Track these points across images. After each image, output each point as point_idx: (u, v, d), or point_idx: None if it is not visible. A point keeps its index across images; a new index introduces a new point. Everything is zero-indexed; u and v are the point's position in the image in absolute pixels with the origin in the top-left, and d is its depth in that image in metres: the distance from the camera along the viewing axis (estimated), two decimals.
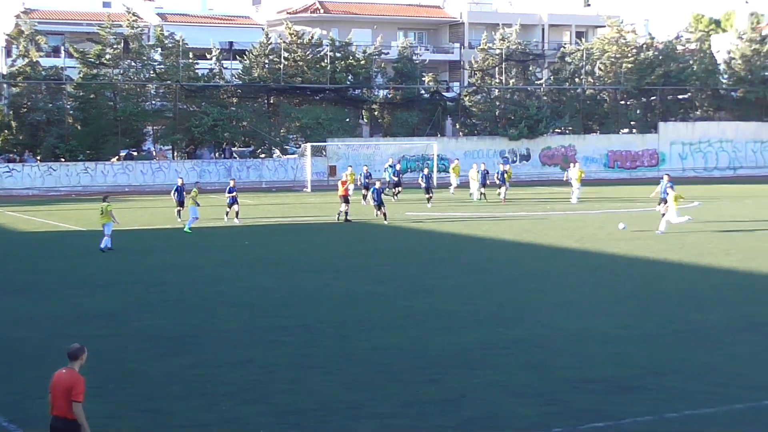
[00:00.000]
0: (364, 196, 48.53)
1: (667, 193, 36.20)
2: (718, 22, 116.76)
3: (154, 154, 70.29)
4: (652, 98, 78.33)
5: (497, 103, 74.75)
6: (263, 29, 78.17)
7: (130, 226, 40.00)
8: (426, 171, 49.87)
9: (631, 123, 78.58)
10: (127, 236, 36.50)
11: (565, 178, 50.25)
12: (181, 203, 41.22)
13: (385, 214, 39.96)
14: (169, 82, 66.89)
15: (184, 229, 37.56)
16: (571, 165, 54.66)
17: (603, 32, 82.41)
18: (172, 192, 42.11)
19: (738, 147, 77.24)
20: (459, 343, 18.33)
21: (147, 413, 14.21)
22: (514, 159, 71.58)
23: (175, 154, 69.35)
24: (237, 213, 40.62)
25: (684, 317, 20.62)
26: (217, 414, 14.12)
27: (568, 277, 26.42)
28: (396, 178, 51.80)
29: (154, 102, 68.33)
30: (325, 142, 66.83)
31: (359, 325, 20.11)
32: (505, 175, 50.82)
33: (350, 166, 54.56)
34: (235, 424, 13.68)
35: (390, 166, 54.29)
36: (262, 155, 69.65)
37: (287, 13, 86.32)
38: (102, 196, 35.00)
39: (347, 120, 72.15)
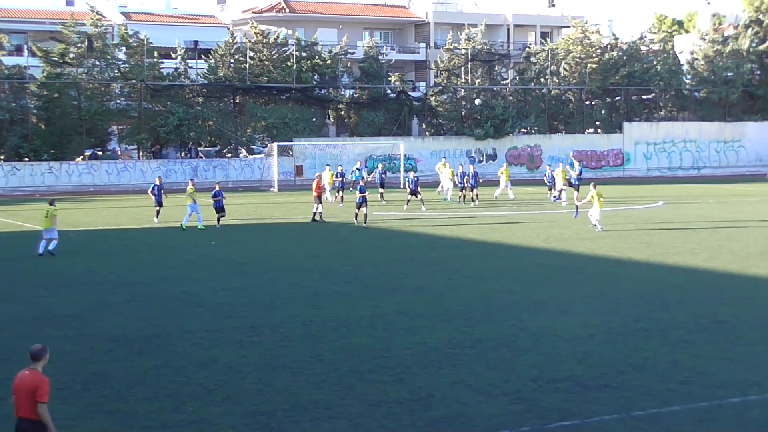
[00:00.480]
0: (341, 198, 48.36)
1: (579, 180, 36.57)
2: (681, 23, 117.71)
3: (119, 153, 69.87)
4: (617, 98, 78.93)
5: (463, 103, 75.03)
6: (228, 28, 78.05)
7: (95, 227, 39.74)
8: (412, 174, 48.62)
9: (596, 123, 79.12)
10: (93, 236, 36.28)
11: (563, 179, 49.07)
12: (159, 203, 40.20)
13: (365, 216, 39.03)
14: (133, 81, 66.55)
15: (198, 227, 37.44)
16: (549, 166, 54.64)
17: (567, 32, 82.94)
18: (150, 191, 41.20)
19: (701, 147, 78.00)
20: (426, 342, 18.37)
21: (113, 414, 14.12)
22: (481, 159, 71.87)
23: (141, 153, 68.96)
24: (218, 219, 39.17)
25: (649, 316, 20.77)
26: (184, 415, 14.07)
27: (535, 276, 26.53)
28: (379, 181, 50.35)
29: (118, 101, 67.95)
30: (291, 141, 66.75)
31: (327, 325, 20.09)
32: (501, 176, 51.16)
33: (328, 165, 53.51)
34: (203, 425, 13.63)
35: (358, 168, 54.10)
36: (229, 155, 69.48)
37: (252, 12, 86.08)
38: (50, 199, 33.10)
39: (313, 120, 72.14)
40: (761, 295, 23.29)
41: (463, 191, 49.08)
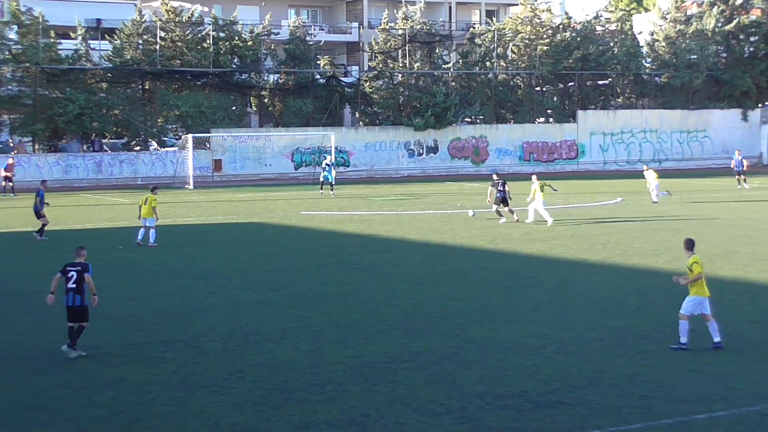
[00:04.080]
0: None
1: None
2: (639, 1, 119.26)
3: (11, 146, 68.85)
4: (570, 84, 79.63)
5: (401, 90, 75.12)
6: (135, 5, 77.24)
7: None
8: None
9: (548, 111, 79.73)
10: None
11: None
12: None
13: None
14: (27, 64, 65.64)
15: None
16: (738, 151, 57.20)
17: (515, 11, 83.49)
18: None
19: (663, 137, 79.10)
20: (359, 356, 18.37)
21: None
22: (421, 151, 72.07)
23: (36, 146, 68.04)
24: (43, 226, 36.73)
25: (606, 324, 20.98)
26: None
27: (480, 281, 26.67)
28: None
29: (10, 87, 66.97)
30: (208, 132, 66.36)
31: (249, 338, 20.01)
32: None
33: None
34: None
35: (328, 164, 54.09)
36: (137, 148, 68.87)
37: None
38: (151, 186, 36.45)
39: (233, 108, 71.82)
40: (728, 300, 23.64)
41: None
